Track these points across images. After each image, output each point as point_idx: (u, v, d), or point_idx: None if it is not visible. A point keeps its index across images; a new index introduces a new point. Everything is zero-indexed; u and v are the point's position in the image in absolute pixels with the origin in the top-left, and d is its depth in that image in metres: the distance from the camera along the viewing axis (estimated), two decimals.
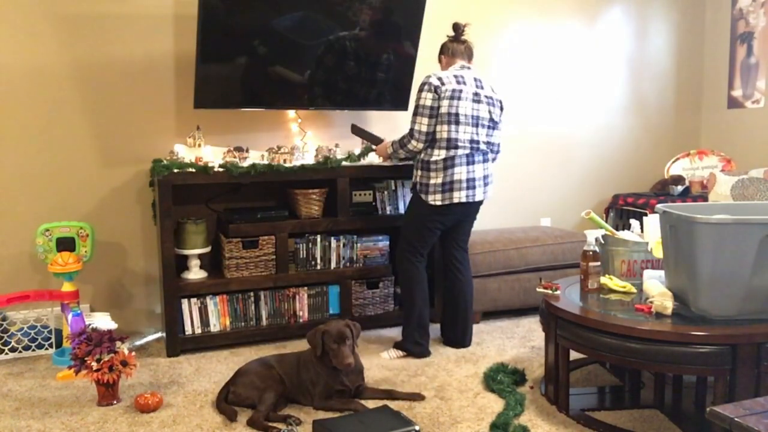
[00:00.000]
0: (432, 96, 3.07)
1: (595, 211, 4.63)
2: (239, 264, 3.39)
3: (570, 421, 2.47)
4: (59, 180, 3.50)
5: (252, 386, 2.59)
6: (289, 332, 3.48)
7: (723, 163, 4.55)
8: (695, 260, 2.21)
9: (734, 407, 1.53)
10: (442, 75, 3.11)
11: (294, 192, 3.52)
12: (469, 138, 3.12)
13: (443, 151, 3.10)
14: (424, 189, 3.16)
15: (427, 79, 3.10)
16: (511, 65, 4.41)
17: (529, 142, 4.52)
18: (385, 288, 3.67)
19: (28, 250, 3.46)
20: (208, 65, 3.37)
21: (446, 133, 3.09)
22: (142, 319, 3.72)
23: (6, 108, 3.38)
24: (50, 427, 2.49)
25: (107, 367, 2.60)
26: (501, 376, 2.83)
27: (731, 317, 2.24)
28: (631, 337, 2.24)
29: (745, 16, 4.62)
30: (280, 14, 3.41)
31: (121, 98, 3.57)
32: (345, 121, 4.00)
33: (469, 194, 3.14)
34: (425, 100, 3.08)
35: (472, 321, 3.38)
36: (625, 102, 4.78)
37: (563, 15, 4.51)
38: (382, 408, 2.46)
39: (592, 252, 2.68)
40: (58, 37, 3.43)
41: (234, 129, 3.78)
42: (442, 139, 3.10)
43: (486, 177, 3.22)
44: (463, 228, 3.32)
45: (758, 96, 4.54)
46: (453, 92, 3.07)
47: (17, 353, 3.29)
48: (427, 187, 3.15)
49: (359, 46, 3.66)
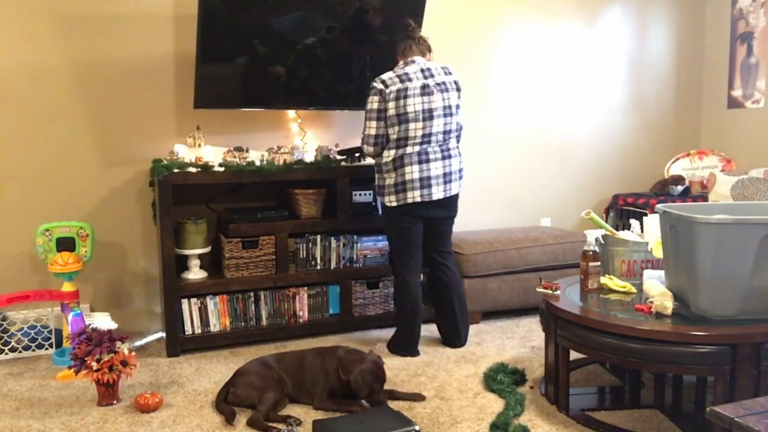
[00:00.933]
0: (378, 99, 3.11)
1: (595, 211, 4.62)
2: (239, 264, 3.39)
3: (570, 421, 2.47)
4: (59, 180, 3.50)
5: (252, 386, 2.59)
6: (289, 332, 3.48)
7: (723, 163, 4.55)
8: (695, 260, 2.21)
9: (734, 407, 1.53)
10: (385, 77, 3.12)
11: (294, 192, 3.52)
12: (422, 133, 3.10)
13: (392, 150, 3.12)
14: (381, 191, 3.21)
15: (372, 84, 3.14)
16: (511, 65, 4.41)
17: (529, 142, 4.52)
18: (385, 288, 3.67)
19: (28, 250, 3.46)
20: (208, 65, 3.37)
21: (396, 133, 3.11)
22: (142, 319, 3.72)
23: (6, 108, 3.38)
24: (50, 427, 2.49)
25: (107, 367, 2.60)
26: (501, 376, 2.83)
27: (731, 317, 2.24)
28: (631, 337, 2.24)
29: (745, 16, 4.62)
30: (280, 14, 3.41)
31: (121, 98, 3.57)
32: (345, 121, 4.00)
33: (424, 193, 3.11)
34: (371, 104, 3.14)
35: (467, 320, 3.37)
36: (625, 102, 4.77)
37: (563, 15, 4.51)
38: (382, 408, 2.46)
39: (592, 252, 2.68)
40: (58, 37, 3.43)
41: (234, 129, 3.78)
42: (392, 139, 3.13)
43: (448, 174, 3.16)
44: (440, 229, 3.26)
45: (758, 96, 4.54)
46: (398, 92, 3.08)
47: (17, 353, 3.29)
48: (383, 189, 3.19)
49: (359, 46, 3.66)
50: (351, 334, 3.60)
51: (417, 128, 3.08)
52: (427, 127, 3.10)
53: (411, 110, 3.07)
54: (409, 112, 3.07)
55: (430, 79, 3.13)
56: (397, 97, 3.07)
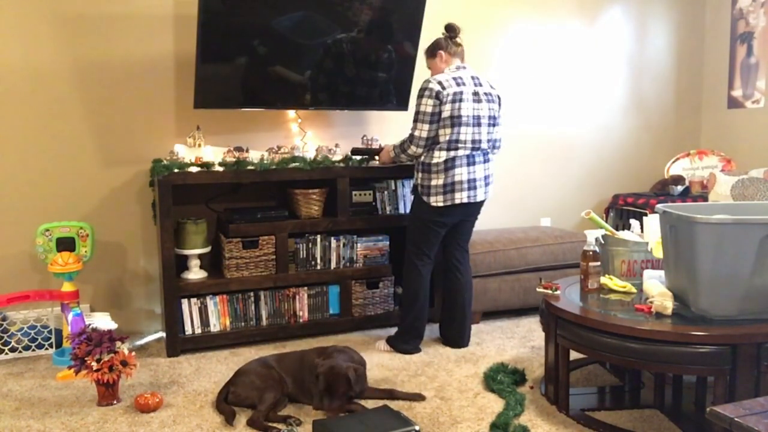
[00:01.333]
0: (433, 102, 3.08)
1: (595, 211, 4.62)
2: (239, 264, 3.39)
3: (570, 421, 2.47)
4: (59, 180, 3.50)
5: (252, 386, 2.59)
6: (289, 332, 3.48)
7: (723, 163, 4.55)
8: (695, 260, 2.21)
9: (734, 407, 1.53)
10: (441, 79, 3.11)
11: (294, 192, 3.52)
12: (471, 138, 3.13)
13: (444, 152, 3.11)
14: (426, 191, 3.17)
15: (426, 84, 3.11)
16: (511, 65, 4.41)
17: (529, 142, 4.52)
18: (385, 288, 3.67)
19: (28, 250, 3.46)
20: (208, 65, 3.37)
21: (448, 135, 3.10)
22: (142, 319, 3.72)
23: (6, 108, 3.38)
24: (50, 427, 2.49)
25: (107, 367, 2.60)
26: (501, 376, 2.83)
27: (731, 317, 2.24)
28: (631, 337, 2.24)
29: (745, 16, 4.62)
30: (280, 14, 3.41)
31: (121, 98, 3.57)
32: (345, 121, 4.00)
33: (471, 195, 3.16)
34: (426, 106, 3.09)
35: (470, 321, 3.39)
36: (625, 102, 4.77)
37: (563, 15, 4.51)
38: (382, 408, 2.46)
39: (592, 252, 2.68)
40: (58, 37, 3.43)
41: (234, 129, 3.78)
42: (444, 141, 3.11)
43: (487, 177, 3.23)
44: (465, 228, 3.34)
45: (758, 96, 4.54)
46: (455, 95, 3.08)
47: (17, 353, 3.29)
48: (428, 189, 3.16)
49: (359, 46, 3.66)
50: (351, 334, 3.60)
51: (467, 132, 3.11)
52: (475, 133, 3.14)
53: (465, 114, 3.10)
54: (463, 116, 3.09)
55: (479, 87, 3.18)
56: (453, 99, 3.08)
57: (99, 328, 2.77)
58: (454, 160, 3.11)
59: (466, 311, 3.33)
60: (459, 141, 3.11)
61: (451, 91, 3.08)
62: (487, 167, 3.23)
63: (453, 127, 3.09)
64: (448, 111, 3.08)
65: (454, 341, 3.35)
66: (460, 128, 3.09)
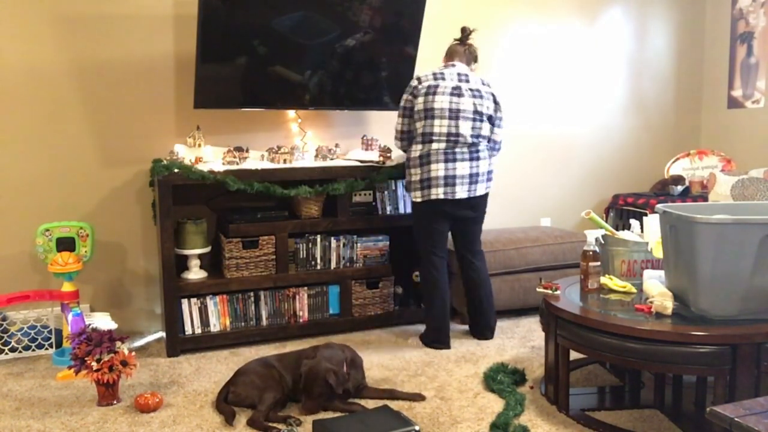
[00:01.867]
0: (407, 96, 3.28)
1: (595, 211, 4.62)
2: (239, 264, 3.39)
3: (570, 421, 2.47)
4: (59, 180, 3.50)
5: (252, 386, 2.59)
6: (289, 332, 3.48)
7: (723, 163, 4.55)
8: (695, 260, 2.21)
9: (734, 407, 1.53)
10: (421, 75, 3.26)
11: None
12: (447, 131, 3.16)
13: (419, 145, 3.22)
14: (409, 186, 3.31)
15: (410, 81, 3.30)
16: (511, 65, 4.41)
17: (529, 142, 4.52)
18: (385, 288, 3.67)
19: (28, 250, 3.46)
20: (208, 65, 3.37)
21: (422, 128, 3.20)
22: (142, 319, 3.72)
23: (6, 108, 3.38)
24: (50, 427, 2.49)
25: (107, 367, 2.60)
26: (501, 376, 2.83)
27: (731, 317, 2.24)
28: (631, 337, 2.24)
29: (745, 16, 4.62)
30: (280, 14, 3.41)
31: (121, 98, 3.57)
32: (345, 121, 4.00)
33: (447, 191, 3.18)
34: (403, 101, 3.30)
35: (493, 316, 3.45)
36: (625, 102, 4.77)
37: (563, 15, 4.51)
38: (382, 408, 2.46)
39: (592, 252, 2.68)
40: (58, 37, 3.43)
41: (234, 129, 3.78)
42: (419, 134, 3.22)
43: (474, 175, 3.22)
44: (466, 229, 3.36)
45: (758, 96, 4.54)
46: (428, 88, 3.18)
47: (17, 353, 3.29)
48: (410, 184, 3.29)
49: (359, 47, 3.66)
50: (351, 334, 3.60)
51: (442, 125, 3.16)
52: (452, 126, 3.16)
53: (438, 107, 3.16)
54: (436, 108, 3.16)
55: (465, 83, 3.22)
56: (426, 92, 3.18)
57: (99, 328, 2.77)
58: (429, 156, 3.18)
59: (485, 306, 3.40)
60: (433, 133, 3.17)
61: (426, 85, 3.20)
62: (474, 165, 3.21)
63: (426, 119, 3.17)
64: (421, 104, 3.19)
65: (483, 333, 3.44)
66: (433, 120, 3.16)
